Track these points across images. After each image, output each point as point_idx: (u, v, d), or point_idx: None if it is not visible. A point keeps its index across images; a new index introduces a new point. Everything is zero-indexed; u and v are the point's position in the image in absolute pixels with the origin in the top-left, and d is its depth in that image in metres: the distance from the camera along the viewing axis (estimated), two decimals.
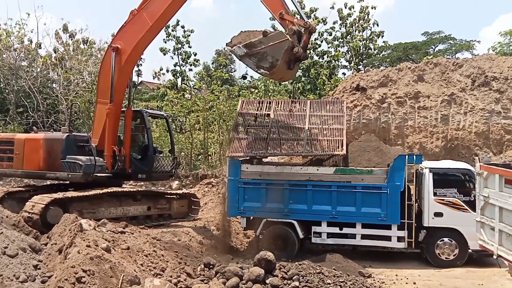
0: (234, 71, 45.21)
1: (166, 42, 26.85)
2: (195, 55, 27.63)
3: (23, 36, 27.42)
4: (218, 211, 14.94)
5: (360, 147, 12.36)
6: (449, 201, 10.92)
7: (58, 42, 28.14)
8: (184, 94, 26.89)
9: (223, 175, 18.07)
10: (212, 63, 43.49)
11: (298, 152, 12.21)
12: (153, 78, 30.87)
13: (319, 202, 11.28)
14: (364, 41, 29.90)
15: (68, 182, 12.77)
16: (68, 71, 26.54)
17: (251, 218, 11.92)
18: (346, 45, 29.47)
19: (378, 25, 29.60)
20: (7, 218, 10.21)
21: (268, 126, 12.58)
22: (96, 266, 7.06)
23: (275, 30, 13.84)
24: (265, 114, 13.03)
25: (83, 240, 7.77)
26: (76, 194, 11.53)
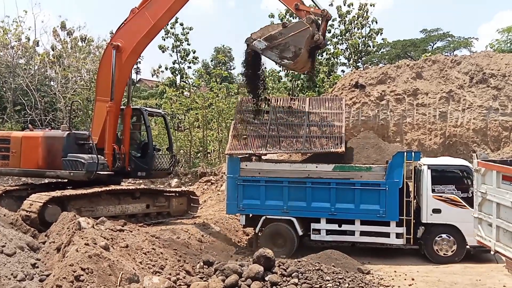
0: (233, 68, 45.22)
1: (164, 40, 26.72)
2: (194, 53, 27.50)
3: (21, 33, 27.24)
4: (217, 209, 14.96)
5: (358, 144, 12.35)
6: (447, 197, 10.94)
7: (56, 39, 27.97)
8: (183, 92, 26.80)
9: (222, 173, 18.08)
10: (211, 61, 43.45)
11: (297, 149, 12.21)
12: (151, 76, 30.73)
13: (318, 199, 11.30)
14: (363, 38, 29.84)
15: (66, 180, 12.75)
16: (66, 69, 26.41)
17: (250, 215, 11.92)
18: (345, 42, 29.38)
19: (377, 22, 29.53)
20: (5, 216, 10.18)
21: (267, 123, 12.58)
22: (94, 264, 7.04)
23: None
24: (264, 111, 13.03)
25: (82, 238, 7.74)
26: (74, 192, 11.48)
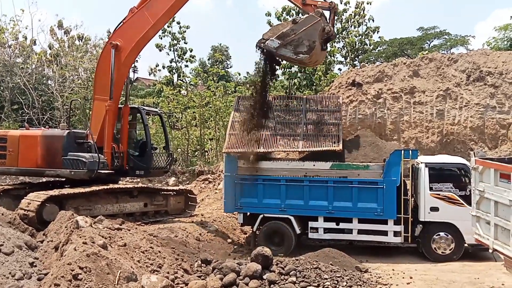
0: (230, 67, 45.20)
1: (162, 38, 26.68)
2: (191, 51, 27.48)
3: (18, 32, 27.15)
4: (215, 207, 14.95)
5: (356, 143, 12.36)
6: (445, 195, 10.96)
7: (53, 38, 27.91)
8: (180, 91, 26.78)
9: (219, 171, 18.08)
10: (208, 59, 43.42)
11: (294, 148, 12.21)
12: (149, 75, 30.75)
13: (316, 198, 11.31)
14: (360, 36, 29.84)
15: (64, 179, 12.72)
16: (63, 67, 26.36)
17: (248, 214, 11.93)
18: (342, 40, 29.40)
19: (373, 20, 29.53)
20: (3, 215, 10.17)
21: (265, 122, 12.57)
22: (92, 263, 7.03)
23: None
24: (261, 109, 13.00)
25: (80, 237, 7.74)
26: (72, 191, 11.46)
